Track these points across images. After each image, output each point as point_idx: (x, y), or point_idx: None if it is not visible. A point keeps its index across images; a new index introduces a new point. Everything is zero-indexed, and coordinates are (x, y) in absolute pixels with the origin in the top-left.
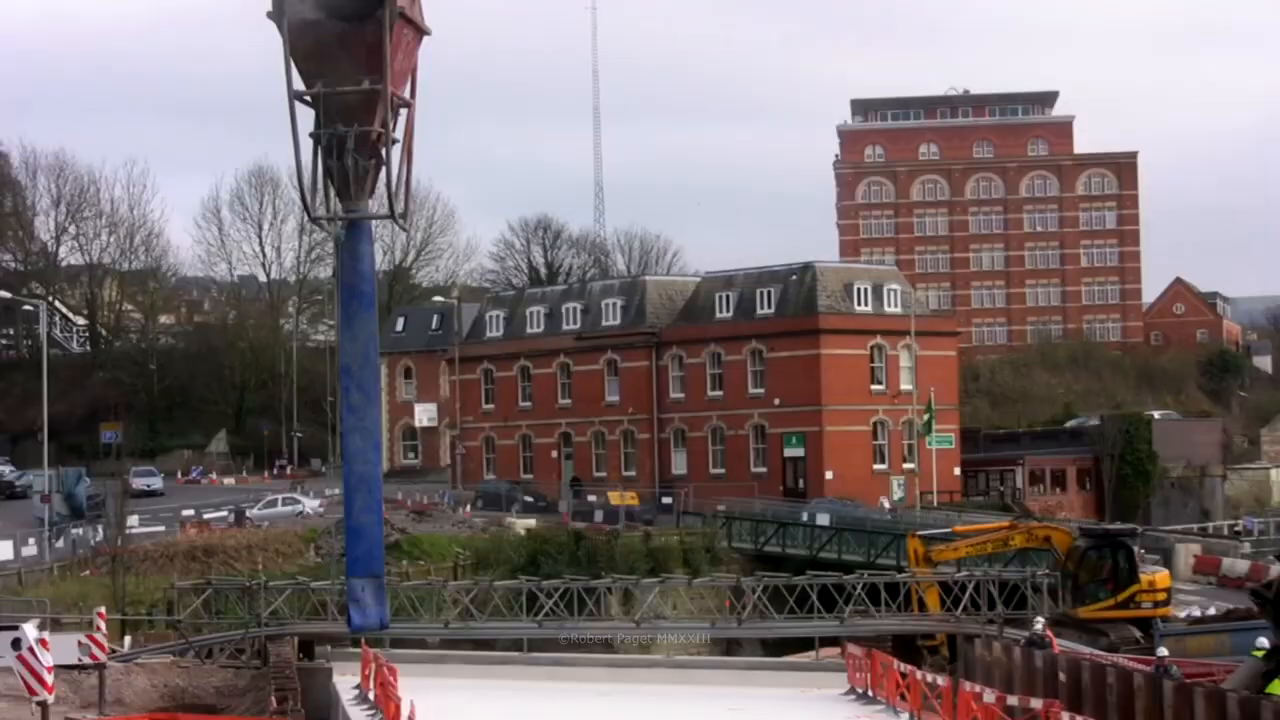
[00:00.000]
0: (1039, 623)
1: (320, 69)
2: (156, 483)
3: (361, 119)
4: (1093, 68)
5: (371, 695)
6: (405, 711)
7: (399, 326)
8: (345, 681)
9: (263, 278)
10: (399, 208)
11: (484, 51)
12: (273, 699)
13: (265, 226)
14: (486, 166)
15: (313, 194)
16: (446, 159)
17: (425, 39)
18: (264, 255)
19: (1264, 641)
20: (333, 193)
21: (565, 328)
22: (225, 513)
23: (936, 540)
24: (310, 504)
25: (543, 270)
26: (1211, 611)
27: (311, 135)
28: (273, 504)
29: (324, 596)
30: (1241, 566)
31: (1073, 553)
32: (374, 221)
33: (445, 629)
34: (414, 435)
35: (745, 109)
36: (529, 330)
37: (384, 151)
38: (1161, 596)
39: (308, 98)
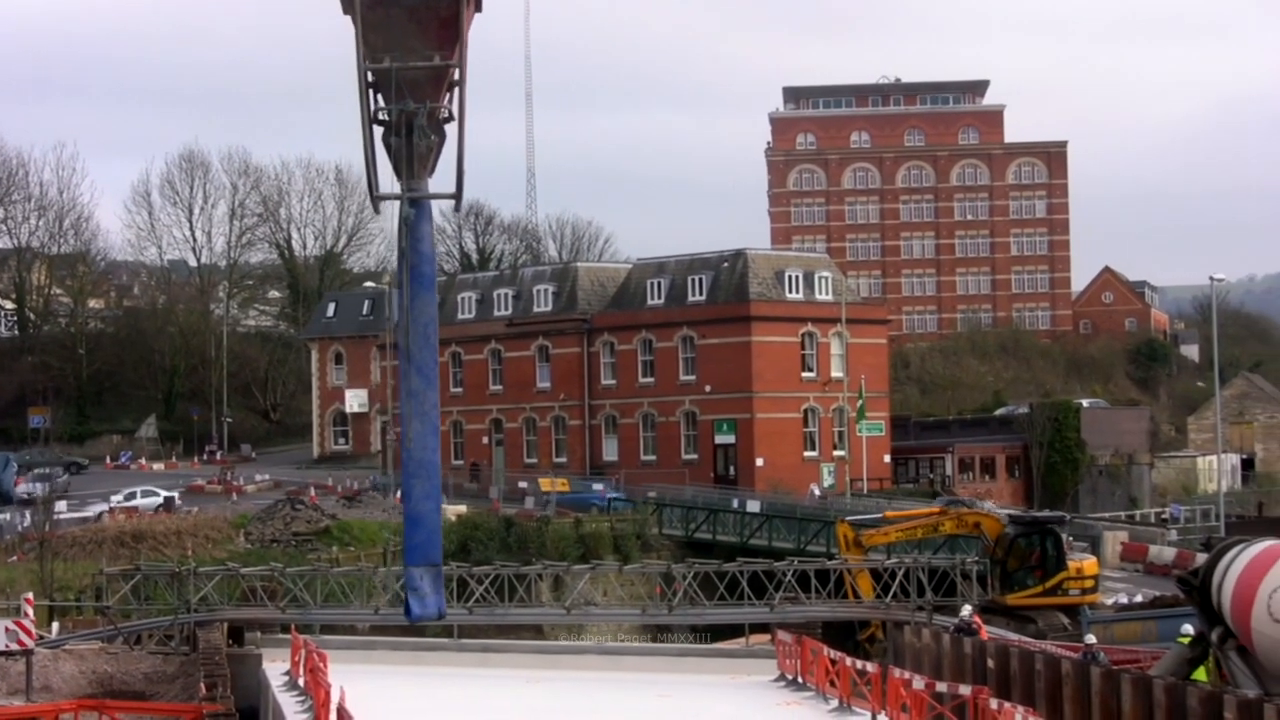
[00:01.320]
0: (967, 610)
1: (389, 44)
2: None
3: (430, 95)
4: (1024, 57)
5: (301, 681)
6: (335, 698)
7: (330, 312)
8: (275, 668)
9: (193, 262)
10: (456, 185)
11: None
12: (201, 685)
13: (196, 211)
14: None
15: (373, 175)
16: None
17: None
18: (194, 240)
19: (1189, 628)
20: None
21: (497, 314)
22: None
23: (867, 525)
24: (166, 495)
25: (474, 256)
26: (1138, 599)
27: (366, 115)
28: (132, 495)
29: (254, 582)
30: (1168, 554)
31: (1002, 540)
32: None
33: (375, 615)
34: (344, 421)
35: (678, 96)
36: (460, 316)
37: (448, 129)
38: (1089, 584)
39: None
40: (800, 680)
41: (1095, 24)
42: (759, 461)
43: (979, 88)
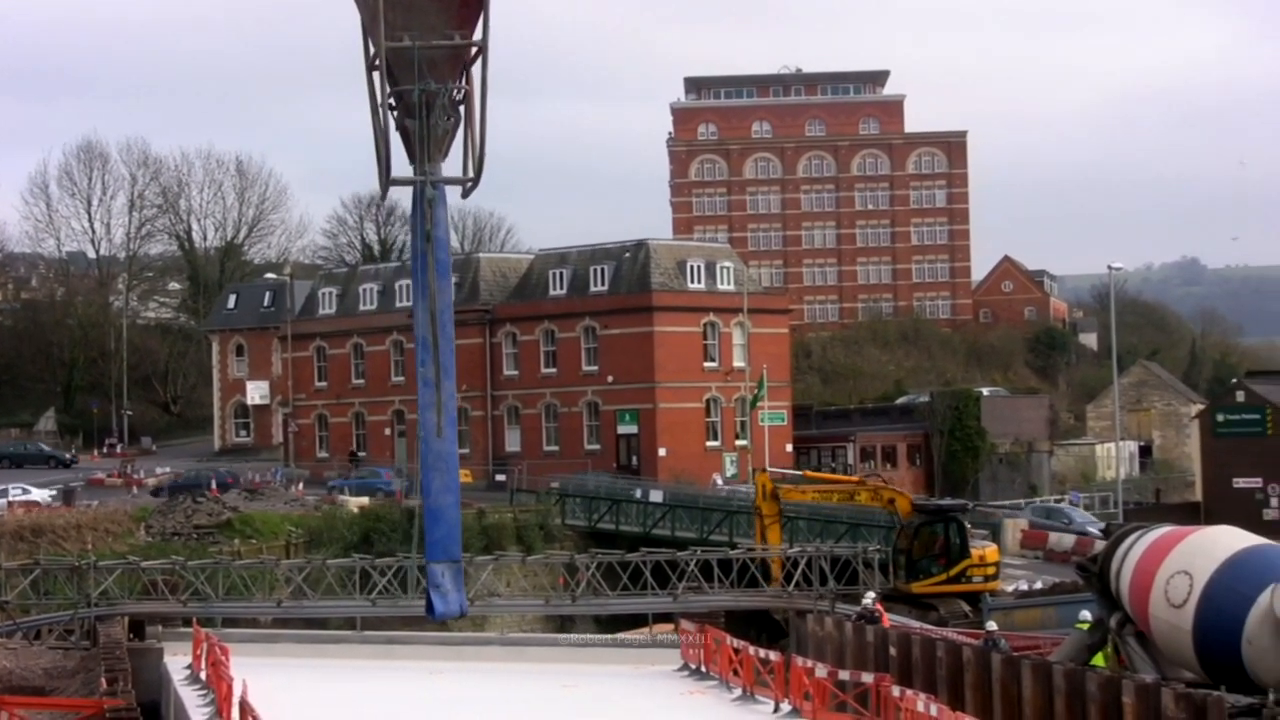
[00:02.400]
0: (869, 597)
1: (409, 23)
2: None
3: (449, 75)
4: (924, 48)
5: (203, 675)
6: (237, 691)
7: (230, 303)
8: (176, 662)
9: (92, 254)
10: (474, 168)
11: (317, 24)
12: (102, 680)
13: (94, 202)
14: (320, 142)
15: (386, 159)
16: (280, 135)
17: None
18: (93, 231)
19: (1088, 615)
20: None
21: (398, 305)
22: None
23: (788, 480)
24: (41, 494)
25: (376, 247)
26: (1038, 585)
27: (374, 98)
28: (2, 493)
29: (155, 576)
30: (1067, 541)
31: (906, 529)
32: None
33: (278, 608)
34: (246, 413)
35: (581, 86)
36: (362, 307)
37: (465, 110)
38: (991, 571)
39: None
40: (704, 670)
41: (994, 15)
42: (662, 451)
43: (879, 78)
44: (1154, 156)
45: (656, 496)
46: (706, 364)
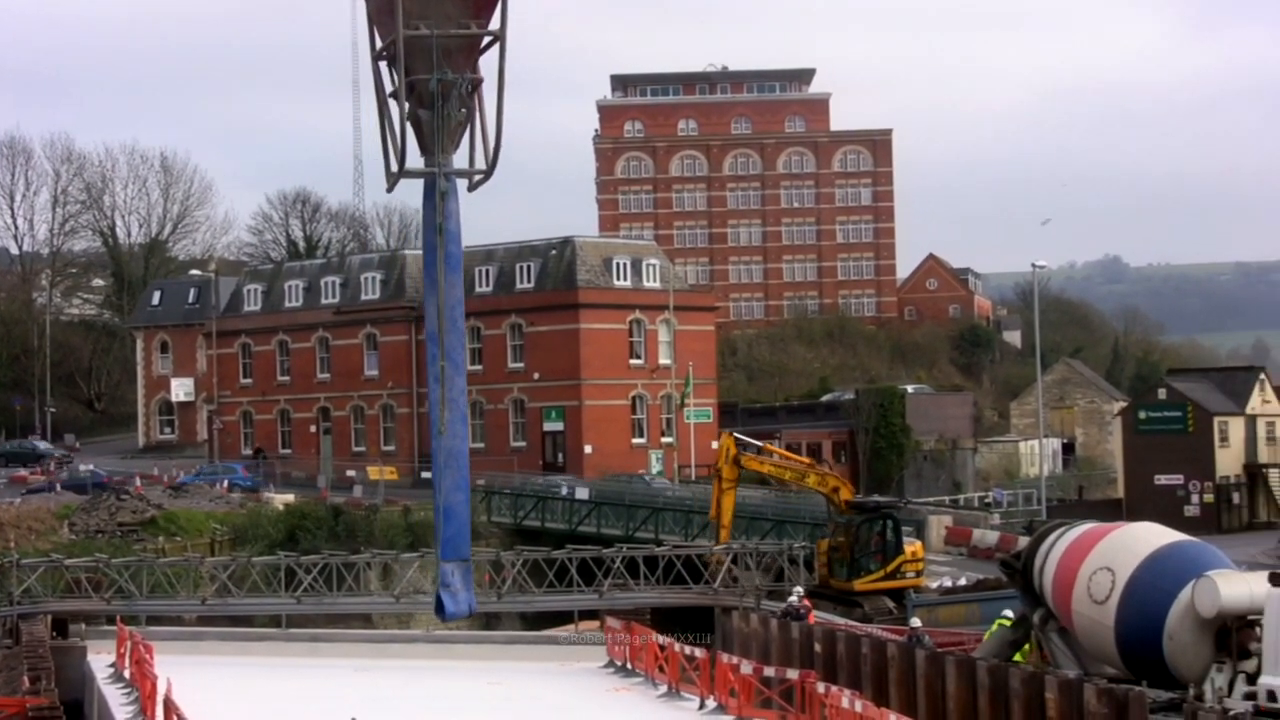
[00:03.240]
0: (796, 594)
1: (425, 11)
2: None
3: (465, 65)
4: (850, 47)
5: (127, 673)
6: (161, 689)
7: (155, 300)
8: (100, 660)
9: (14, 250)
10: (487, 160)
11: (241, 21)
12: (25, 678)
13: (17, 198)
14: (245, 140)
15: (397, 151)
16: (205, 131)
17: None
18: (15, 227)
19: (1010, 613)
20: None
21: (324, 301)
22: None
23: (750, 448)
24: None
25: (301, 244)
26: (962, 582)
27: (380, 90)
28: None
29: (78, 574)
30: (991, 537)
31: (848, 525)
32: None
33: (202, 605)
34: (170, 410)
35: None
36: (287, 304)
37: (475, 102)
38: (920, 567)
39: (384, 52)
40: (629, 666)
41: (920, 14)
42: (587, 449)
43: (805, 76)
44: (1079, 155)
45: (582, 494)
46: (632, 361)
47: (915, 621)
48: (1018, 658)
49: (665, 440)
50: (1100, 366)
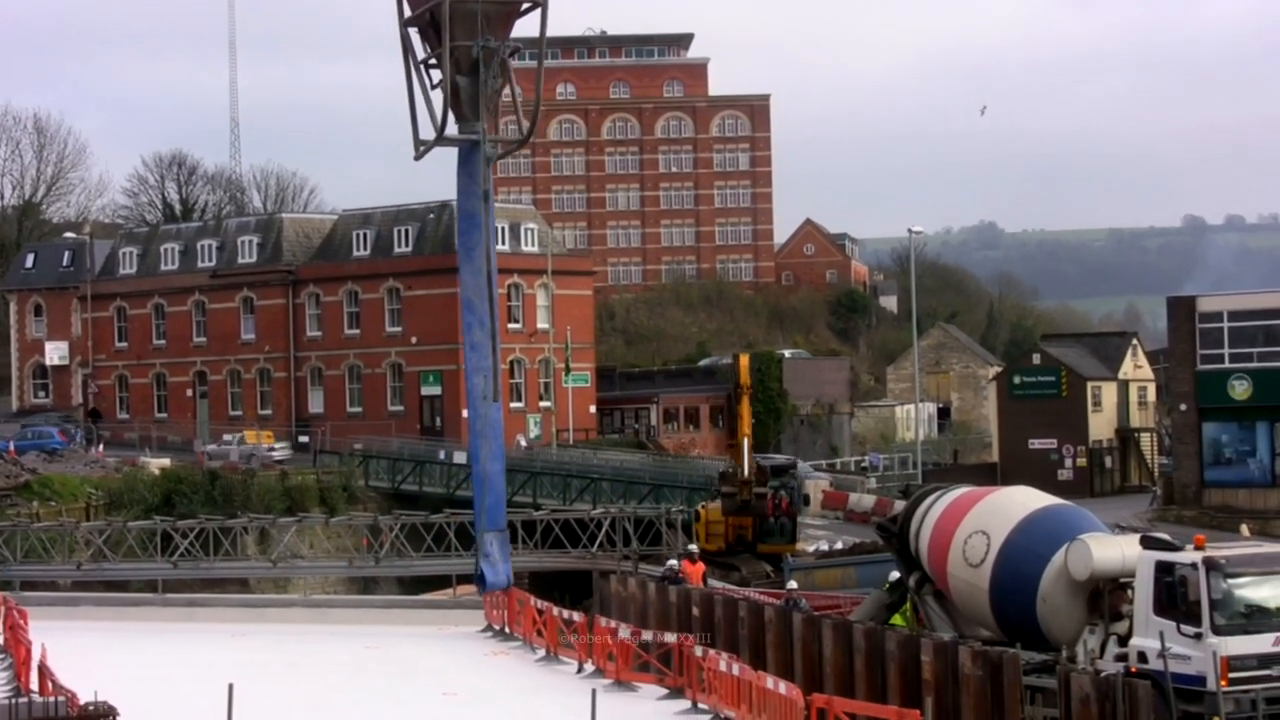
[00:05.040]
0: (680, 557)
1: None
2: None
3: (503, 33)
4: (729, 11)
5: (1, 639)
6: (36, 655)
7: (29, 263)
8: None
9: None
10: (531, 121)
11: None
12: None
13: None
14: (120, 101)
15: (435, 119)
16: (79, 92)
17: None
18: None
19: (896, 574)
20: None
21: (200, 265)
22: None
23: None
24: None
25: (178, 207)
26: (839, 546)
27: (420, 61)
28: None
29: None
30: (868, 501)
31: (747, 488)
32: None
33: (78, 570)
34: (44, 374)
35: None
36: (163, 268)
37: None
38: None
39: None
40: (508, 630)
41: None
42: (465, 413)
43: (683, 41)
44: (956, 121)
45: (460, 458)
46: (510, 325)
47: (792, 585)
48: (894, 621)
49: (544, 404)
50: (976, 331)
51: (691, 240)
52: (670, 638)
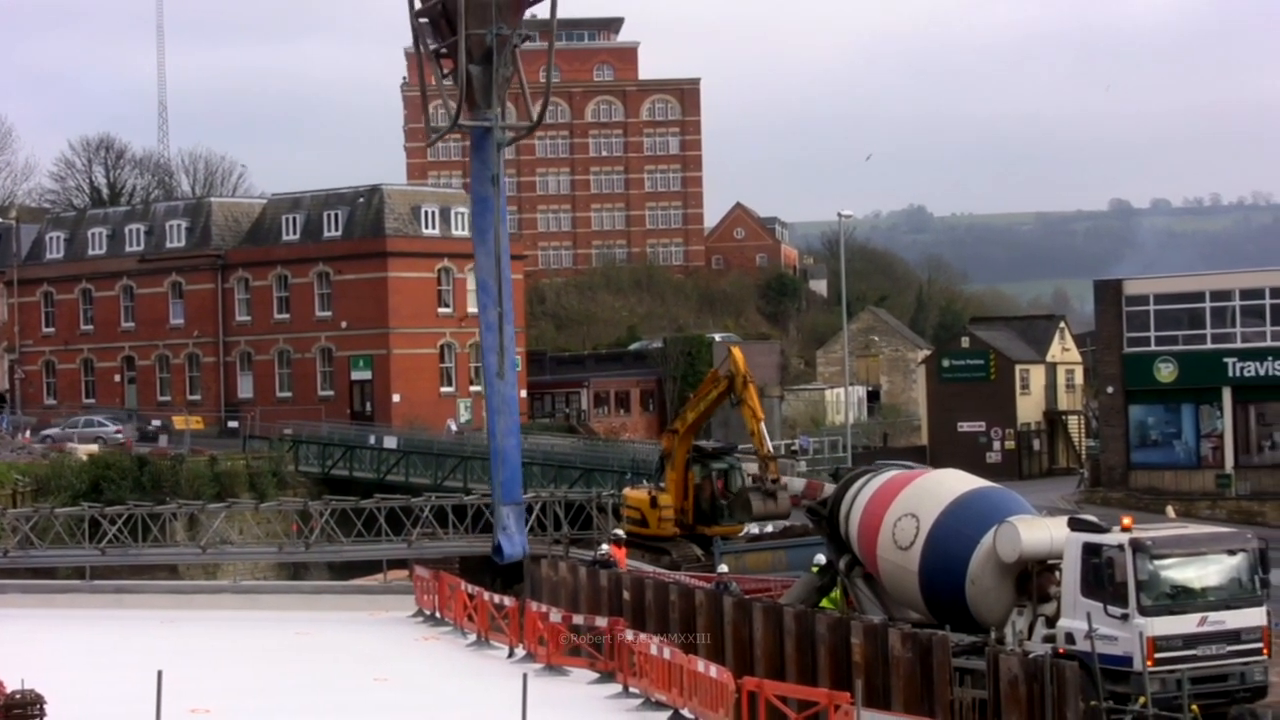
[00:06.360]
0: (606, 546)
1: None
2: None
3: (514, 20)
4: None
5: None
6: None
7: None
8: None
9: None
10: (541, 107)
11: None
12: None
13: None
14: (47, 84)
15: (450, 106)
16: (4, 75)
17: None
18: None
19: (822, 558)
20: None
21: (128, 249)
22: None
23: None
24: None
25: (105, 191)
26: (769, 529)
27: (421, 47)
28: None
29: None
30: (798, 485)
31: (703, 471)
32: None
33: (4, 557)
34: None
35: (314, 26)
36: (91, 252)
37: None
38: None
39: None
40: (439, 615)
41: None
42: (396, 398)
43: (614, 25)
44: (887, 104)
45: (390, 443)
46: (441, 310)
47: (723, 568)
48: (824, 604)
49: (474, 389)
50: (905, 315)
51: (622, 224)
52: (601, 622)
